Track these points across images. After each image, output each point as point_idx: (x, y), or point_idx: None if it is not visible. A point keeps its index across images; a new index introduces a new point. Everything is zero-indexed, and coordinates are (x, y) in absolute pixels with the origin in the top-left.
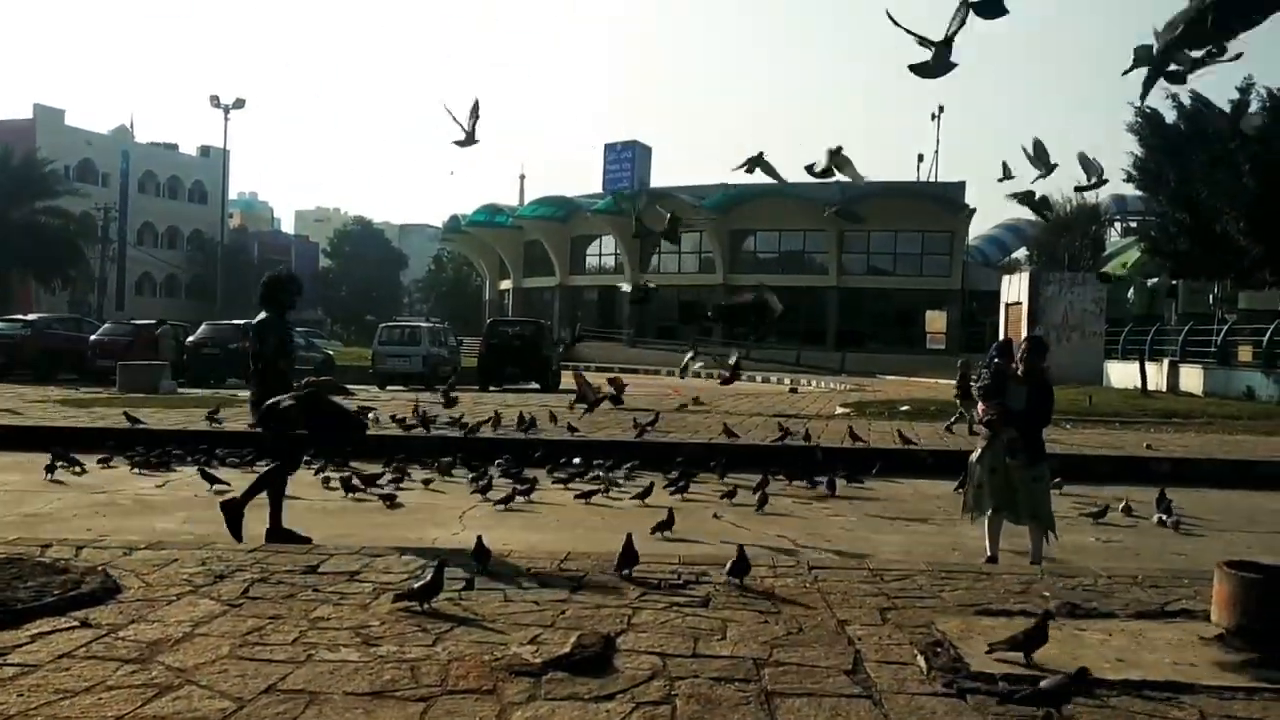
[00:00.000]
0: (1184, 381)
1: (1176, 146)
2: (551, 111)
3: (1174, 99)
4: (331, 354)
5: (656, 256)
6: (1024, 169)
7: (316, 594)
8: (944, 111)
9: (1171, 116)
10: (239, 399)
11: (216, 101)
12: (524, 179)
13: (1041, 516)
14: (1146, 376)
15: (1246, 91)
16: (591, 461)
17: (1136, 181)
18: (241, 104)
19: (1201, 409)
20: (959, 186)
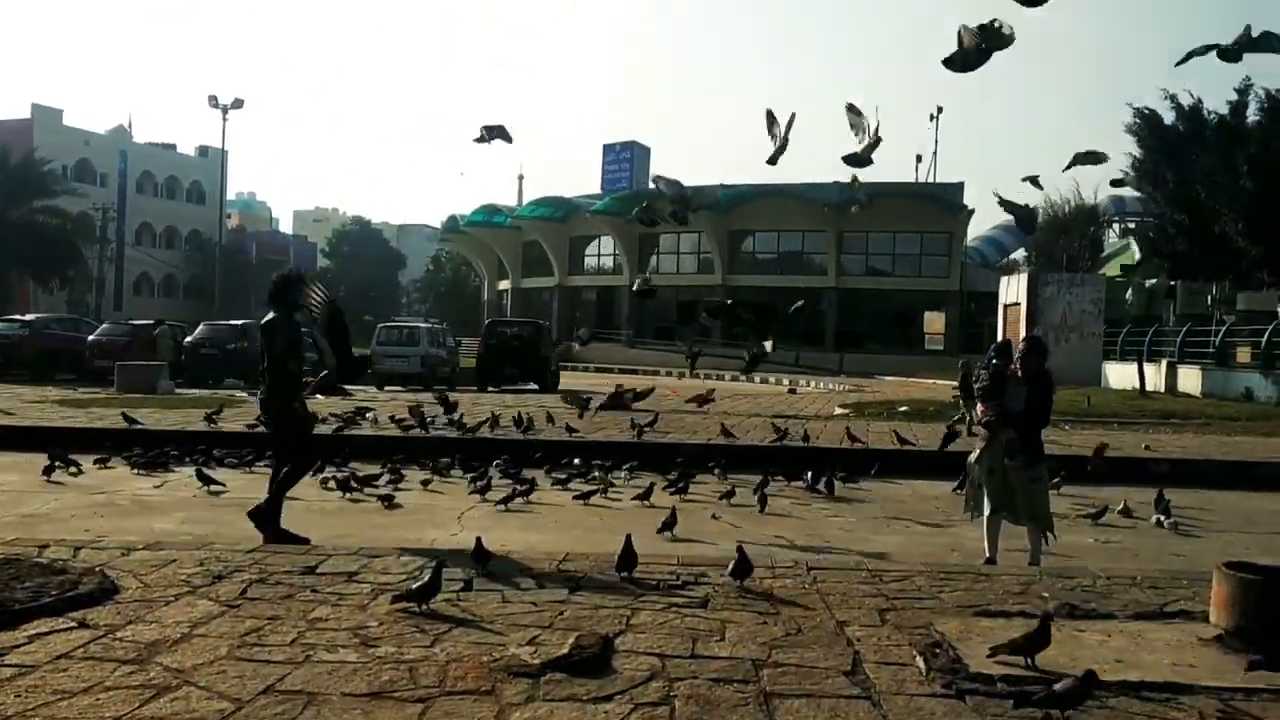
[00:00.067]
0: (1182, 382)
1: (1175, 147)
2: (551, 111)
3: (1173, 99)
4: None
5: (655, 257)
6: (1044, 176)
7: (315, 595)
8: (942, 112)
9: (1170, 117)
10: (238, 399)
11: (215, 101)
12: (523, 179)
13: (1040, 517)
14: (1145, 377)
15: (1245, 92)
16: (590, 461)
17: (1134, 182)
18: (240, 104)
19: (1200, 410)
20: (957, 187)
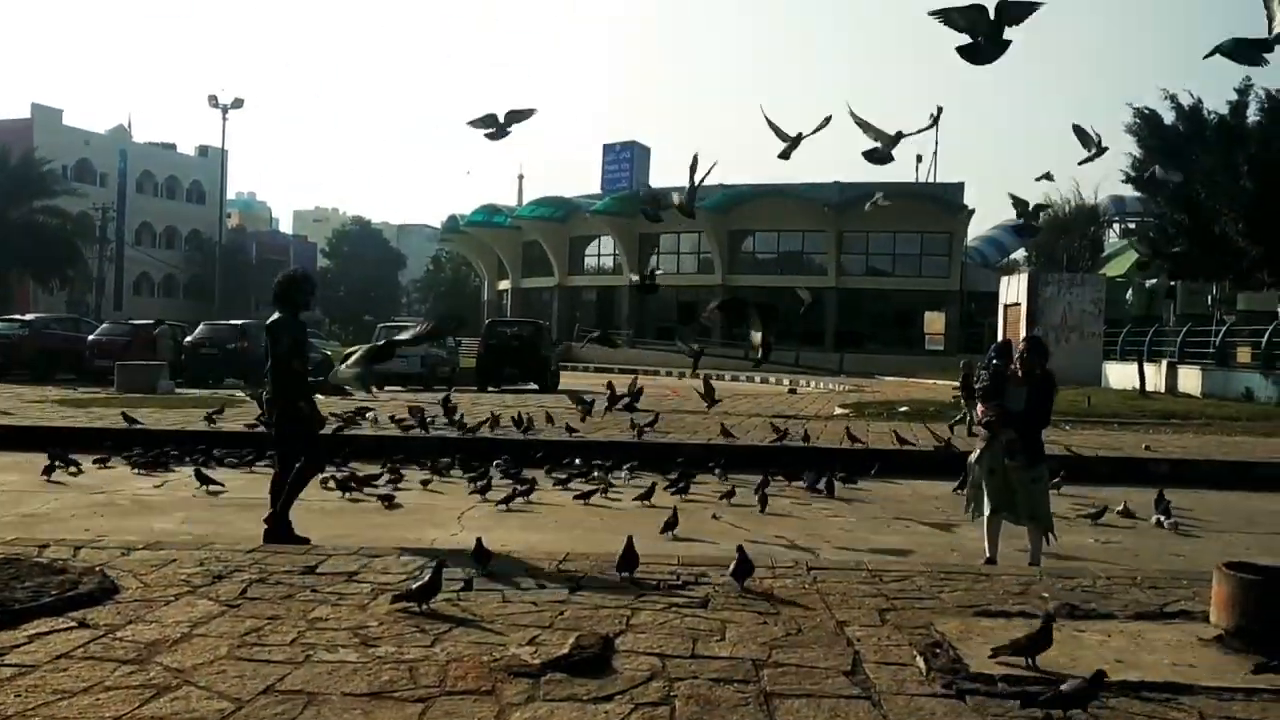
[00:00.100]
0: (1182, 382)
1: (1175, 148)
2: (551, 111)
3: (1173, 99)
4: (330, 354)
5: (655, 256)
6: (1056, 171)
7: (315, 594)
8: (942, 112)
9: (1170, 117)
10: (238, 399)
11: (215, 101)
12: (523, 179)
13: (1040, 517)
14: (1145, 377)
15: (1245, 92)
16: (591, 461)
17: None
18: (240, 104)
19: (1200, 410)
20: (958, 187)
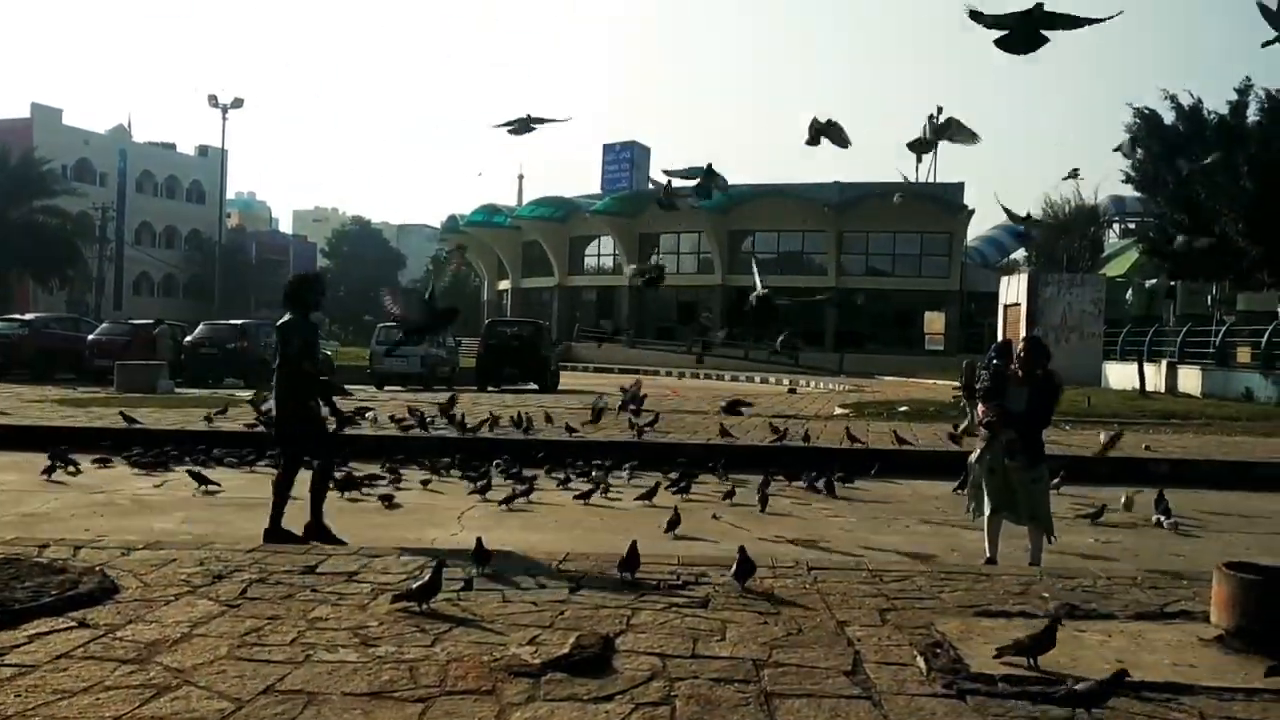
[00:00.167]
0: (1182, 383)
1: (1175, 147)
2: (551, 111)
3: (1173, 99)
4: (330, 354)
5: (655, 256)
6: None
7: (315, 594)
8: (942, 112)
9: (1170, 117)
10: (239, 399)
11: (215, 101)
12: (523, 179)
13: (1040, 517)
14: (1145, 377)
15: (1245, 93)
16: (591, 461)
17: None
18: (240, 104)
19: (1200, 410)
20: (957, 187)
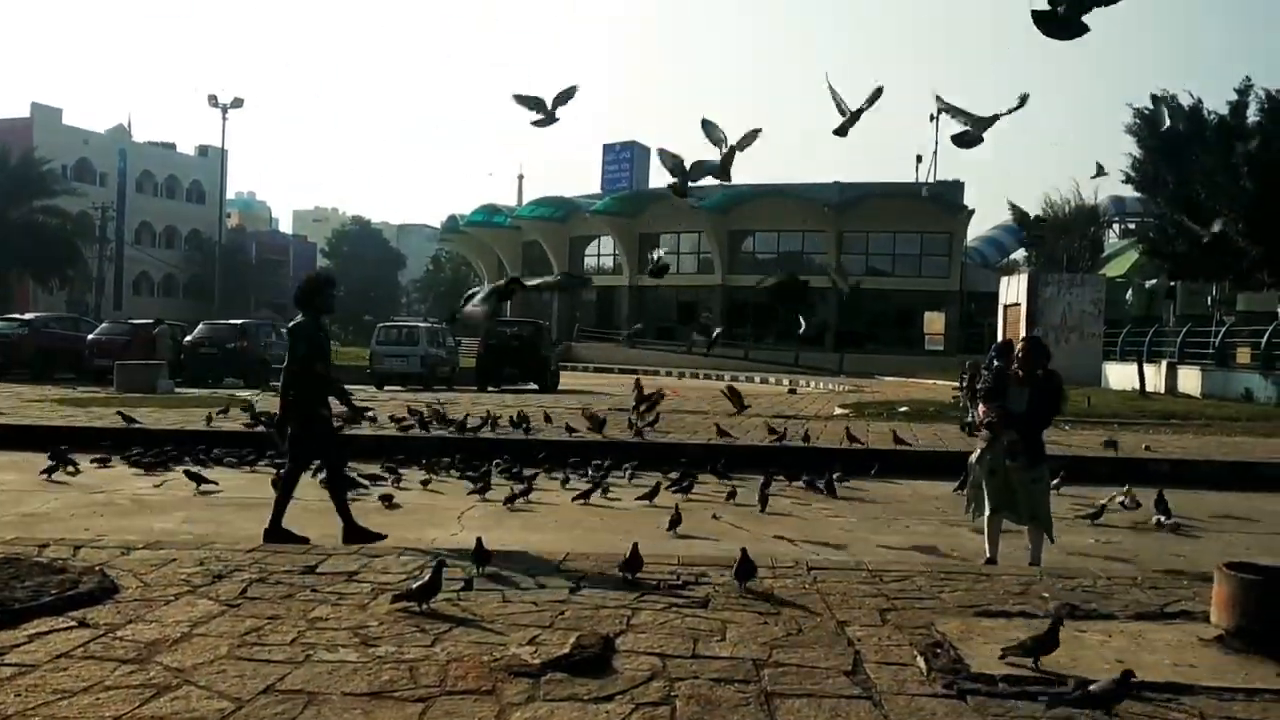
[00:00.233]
0: (1182, 383)
1: (1175, 148)
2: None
3: (1172, 99)
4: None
5: (655, 255)
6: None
7: (315, 594)
8: (943, 113)
9: (1167, 121)
10: (240, 399)
11: (215, 101)
12: (522, 179)
13: (1040, 518)
14: (1145, 378)
15: (1245, 93)
16: (591, 461)
17: (1135, 182)
18: (240, 103)
19: (1200, 410)
20: (958, 187)
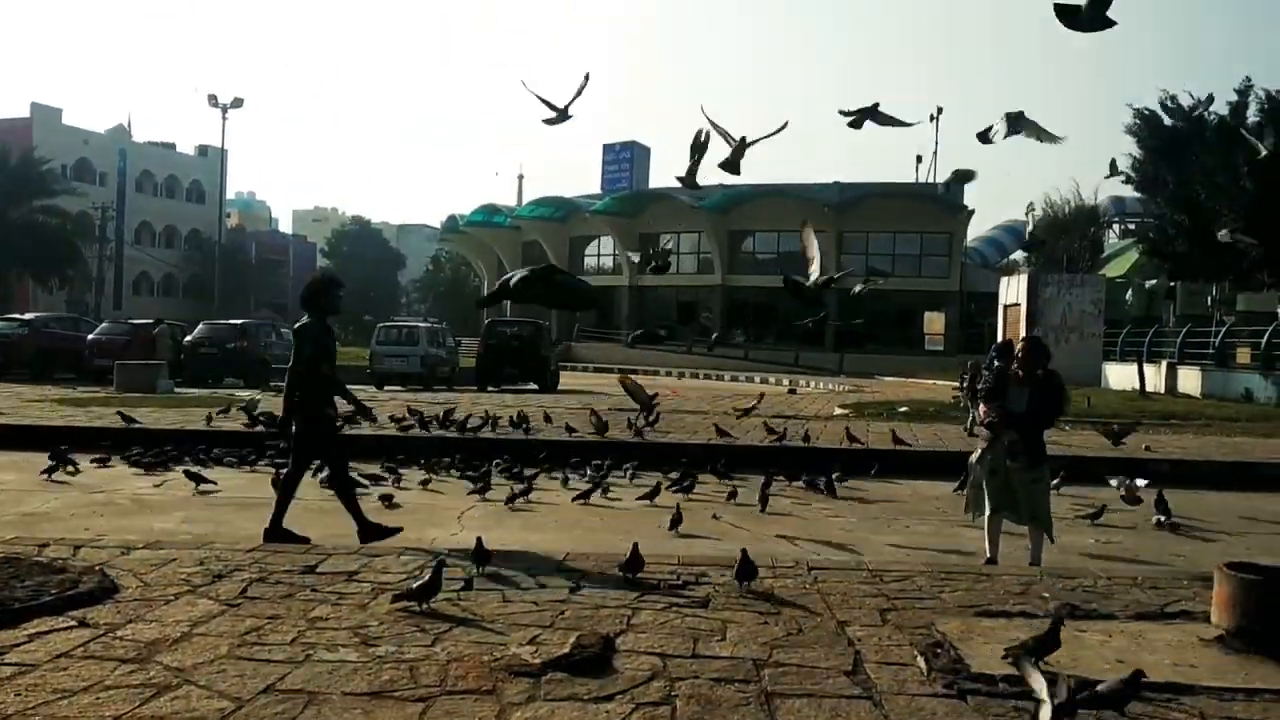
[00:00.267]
0: (1182, 383)
1: (1175, 148)
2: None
3: (1173, 100)
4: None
5: (657, 250)
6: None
7: (315, 594)
8: (943, 112)
9: (1166, 121)
10: (238, 398)
11: (215, 101)
12: (522, 179)
13: (1040, 518)
14: (1145, 378)
15: (1245, 93)
16: (591, 461)
17: (1135, 183)
18: (240, 103)
19: (1200, 410)
20: (958, 187)
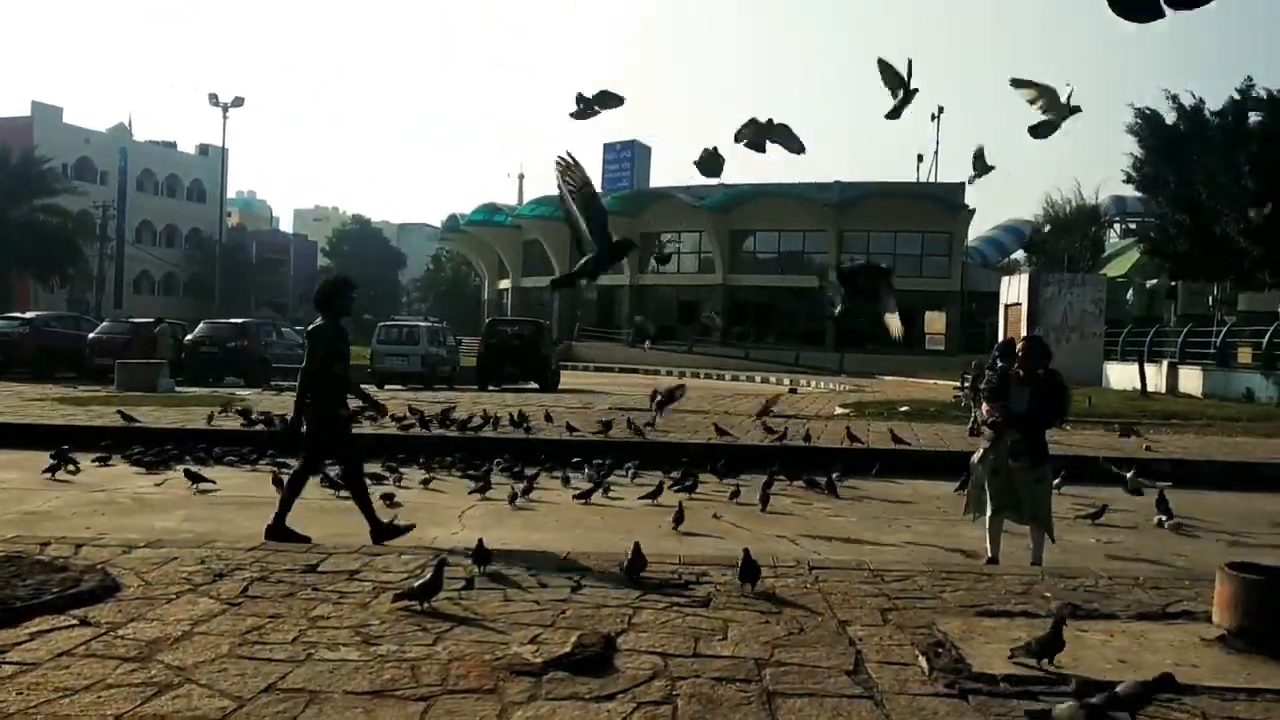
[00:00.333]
0: (1183, 383)
1: (1176, 148)
2: (551, 111)
3: (1174, 99)
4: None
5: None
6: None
7: (316, 593)
8: (943, 112)
9: (1171, 117)
10: (238, 397)
11: (215, 100)
12: (523, 178)
13: (1041, 518)
14: (1146, 378)
15: (1246, 92)
16: (592, 461)
17: (1136, 183)
18: (240, 102)
19: (1201, 410)
20: (958, 187)
